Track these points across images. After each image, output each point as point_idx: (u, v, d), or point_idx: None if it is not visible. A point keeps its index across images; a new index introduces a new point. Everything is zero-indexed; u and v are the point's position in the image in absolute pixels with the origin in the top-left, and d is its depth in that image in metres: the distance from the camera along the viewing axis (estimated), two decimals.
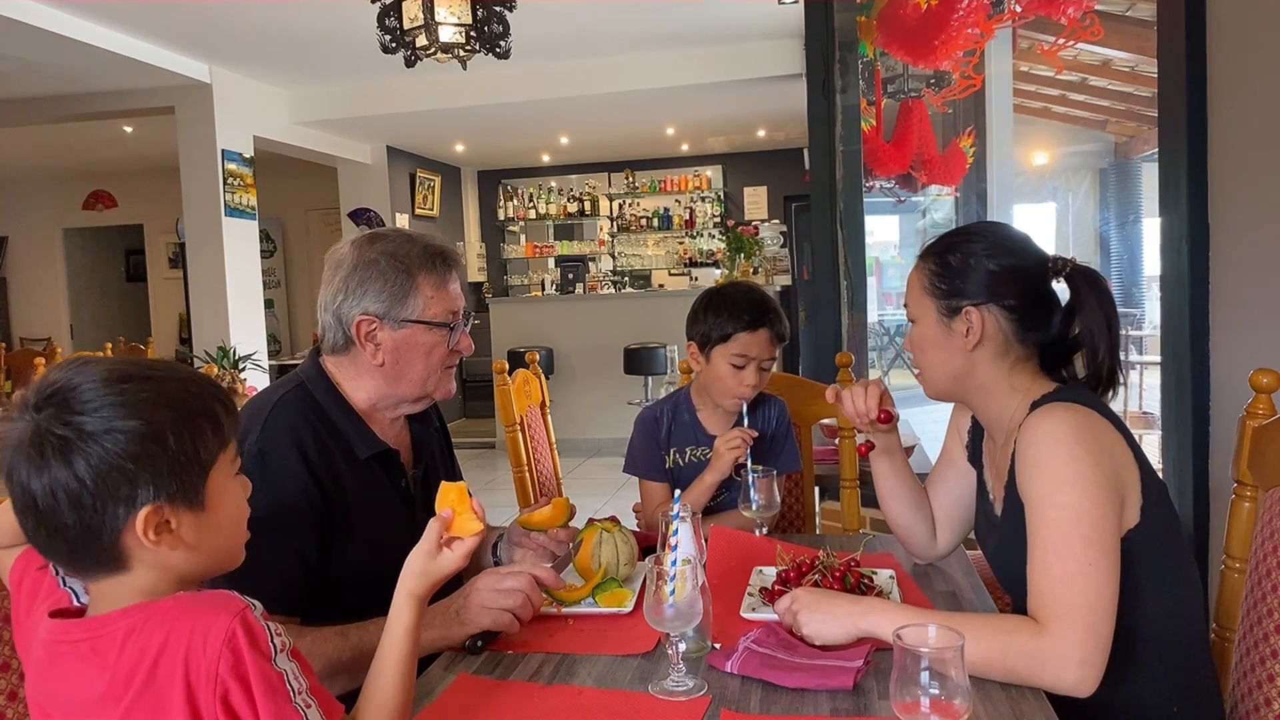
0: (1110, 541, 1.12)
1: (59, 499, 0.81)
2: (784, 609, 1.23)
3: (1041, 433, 1.18)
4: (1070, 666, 1.06)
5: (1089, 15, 3.46)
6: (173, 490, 0.84)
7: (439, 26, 3.30)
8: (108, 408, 0.82)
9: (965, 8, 3.64)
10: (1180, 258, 2.13)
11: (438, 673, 1.20)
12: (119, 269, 10.41)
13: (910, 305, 1.37)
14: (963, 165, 5.96)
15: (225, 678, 0.79)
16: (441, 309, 1.43)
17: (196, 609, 0.82)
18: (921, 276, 1.35)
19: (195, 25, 4.91)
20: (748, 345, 1.81)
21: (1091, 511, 1.12)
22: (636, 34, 5.47)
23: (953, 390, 1.37)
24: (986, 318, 1.29)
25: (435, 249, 1.45)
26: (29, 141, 7.53)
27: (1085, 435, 1.16)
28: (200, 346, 5.66)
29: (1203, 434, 2.12)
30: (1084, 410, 1.20)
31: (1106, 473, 1.15)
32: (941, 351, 1.33)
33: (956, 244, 1.33)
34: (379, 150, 7.68)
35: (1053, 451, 1.16)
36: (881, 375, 7.29)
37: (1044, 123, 8.59)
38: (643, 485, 1.97)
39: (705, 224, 9.04)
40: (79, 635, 0.84)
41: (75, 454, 0.80)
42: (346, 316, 1.40)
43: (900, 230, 8.32)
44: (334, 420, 1.41)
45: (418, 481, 1.51)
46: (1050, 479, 1.15)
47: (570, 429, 6.67)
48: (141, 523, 0.83)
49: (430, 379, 1.45)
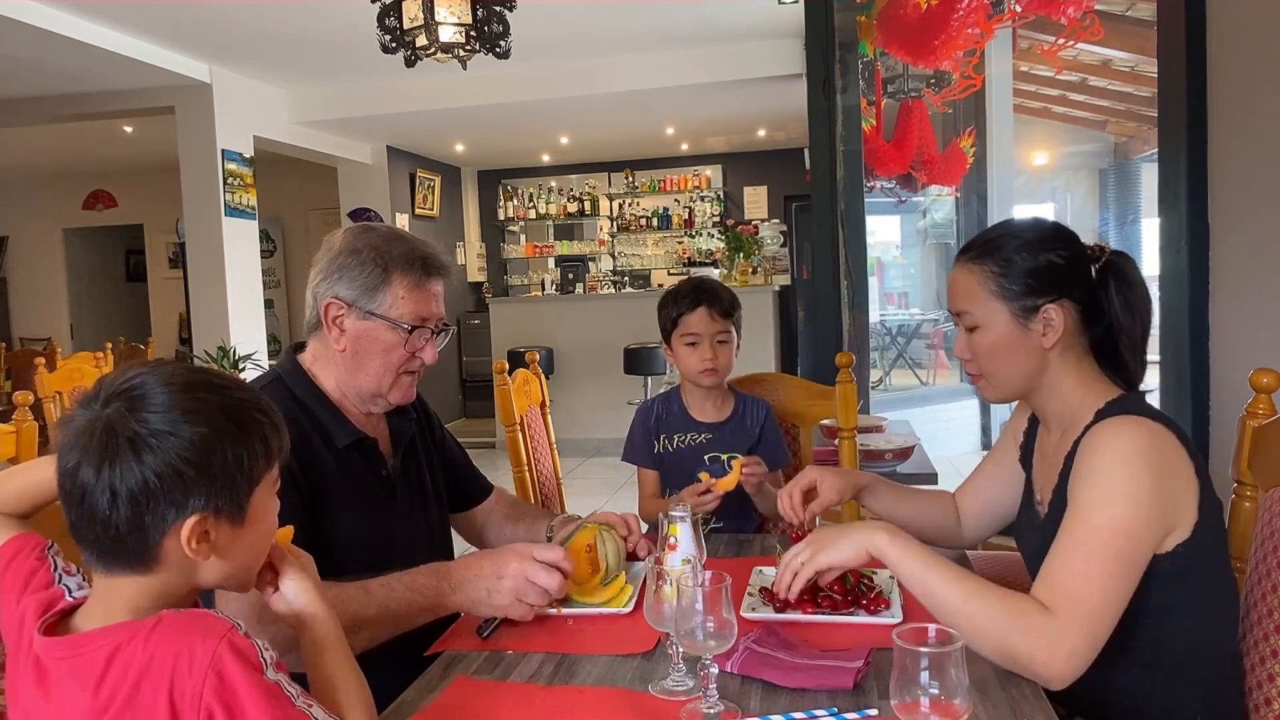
0: (1139, 563, 1.12)
1: (119, 493, 0.82)
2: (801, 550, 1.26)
3: (1110, 443, 1.16)
4: (1061, 651, 1.06)
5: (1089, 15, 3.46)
6: (221, 502, 0.86)
7: (439, 26, 3.30)
8: (176, 410, 0.84)
9: (965, 8, 3.64)
10: (1180, 257, 2.13)
11: (437, 673, 1.20)
12: (119, 269, 10.41)
13: (972, 312, 1.30)
14: (963, 165, 5.97)
15: (210, 701, 0.79)
16: (409, 311, 1.43)
17: (181, 630, 0.82)
18: (983, 280, 1.28)
19: (195, 25, 4.91)
20: (691, 324, 1.99)
21: (1134, 529, 1.11)
22: (636, 34, 5.47)
23: (1024, 391, 1.33)
24: (1063, 314, 1.26)
25: (420, 253, 1.46)
26: (29, 141, 7.52)
27: (1153, 455, 1.14)
28: (200, 346, 5.66)
29: (1203, 434, 2.12)
30: (1156, 427, 1.18)
31: (1163, 496, 1.14)
32: (1018, 354, 1.28)
33: (1011, 241, 1.28)
34: (379, 150, 7.68)
35: (1117, 465, 1.14)
36: (884, 375, 7.28)
37: (1044, 123, 8.60)
38: (640, 474, 2.12)
39: (705, 224, 9.04)
40: (64, 653, 0.85)
41: (146, 451, 0.82)
42: (320, 297, 1.45)
43: (901, 230, 8.33)
44: (312, 410, 1.44)
45: (397, 470, 1.54)
46: (1106, 489, 1.13)
47: (570, 429, 6.67)
48: (188, 530, 0.84)
49: (385, 378, 1.46)
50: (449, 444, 1.77)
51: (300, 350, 1.52)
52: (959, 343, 1.35)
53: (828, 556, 1.23)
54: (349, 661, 0.99)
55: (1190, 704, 1.19)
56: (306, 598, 0.99)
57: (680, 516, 1.37)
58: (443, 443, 1.74)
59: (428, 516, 1.59)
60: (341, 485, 1.41)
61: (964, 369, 1.40)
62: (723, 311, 2.00)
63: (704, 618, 1.05)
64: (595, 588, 1.43)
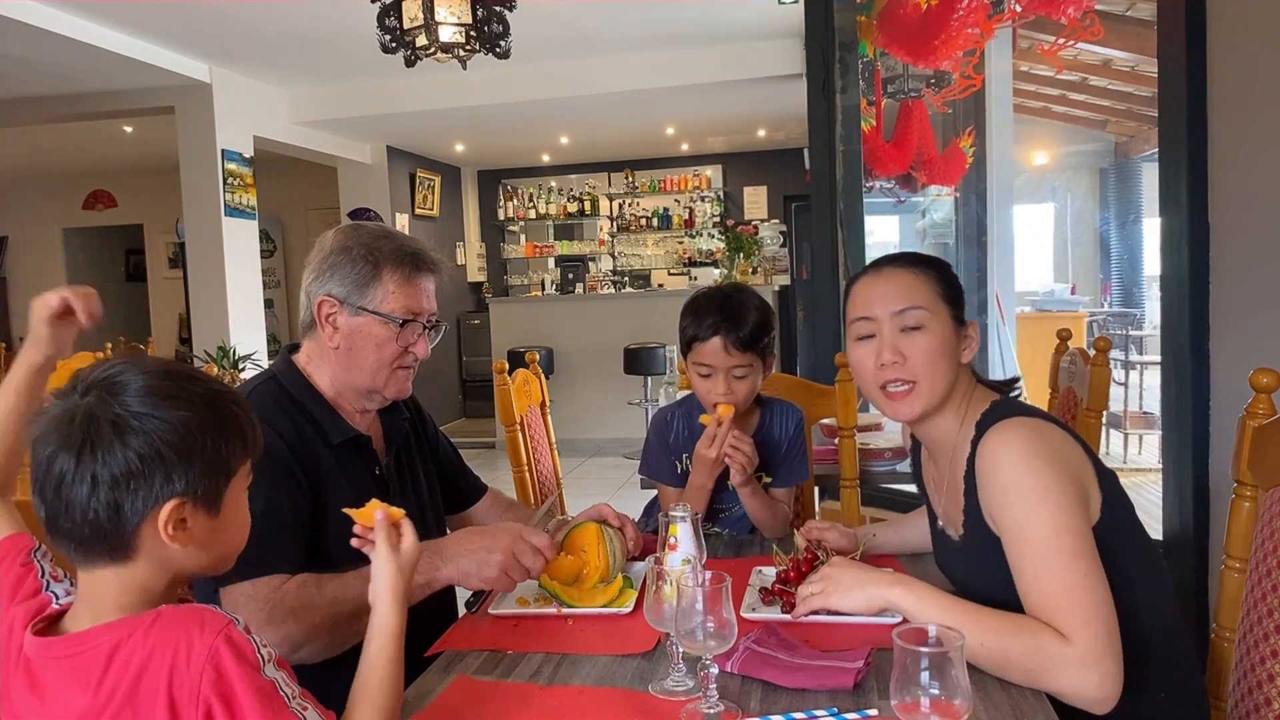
0: (1093, 551, 1.13)
1: (100, 479, 0.82)
2: (815, 580, 1.27)
3: (1000, 454, 1.18)
4: (1092, 676, 1.06)
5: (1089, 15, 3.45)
6: (199, 490, 0.86)
7: (439, 26, 3.30)
8: (155, 395, 0.85)
9: (965, 8, 3.64)
10: (1180, 258, 2.13)
11: (436, 674, 1.20)
12: (119, 269, 10.40)
13: (925, 309, 1.29)
14: (962, 165, 5.96)
15: (208, 695, 0.79)
16: (400, 305, 1.45)
17: (180, 625, 0.83)
18: (930, 283, 1.31)
19: (195, 25, 4.91)
20: (704, 354, 1.72)
21: (1069, 524, 1.12)
22: (636, 34, 5.47)
23: (940, 404, 1.32)
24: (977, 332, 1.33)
25: (410, 249, 1.48)
26: (29, 141, 7.52)
27: (1042, 448, 1.17)
28: (200, 346, 5.65)
29: (1203, 434, 2.12)
30: (1033, 421, 1.21)
31: (1070, 481, 1.16)
32: (950, 363, 1.30)
33: (934, 261, 1.35)
34: (379, 150, 7.68)
35: (1016, 472, 1.16)
36: None
37: (1044, 123, 8.59)
38: (660, 489, 1.95)
39: (705, 224, 9.04)
40: (61, 651, 0.85)
41: (129, 433, 0.83)
42: (313, 296, 1.46)
43: (900, 230, 8.32)
44: (307, 408, 1.45)
45: (390, 468, 1.55)
46: (1021, 500, 1.15)
47: (570, 429, 6.68)
48: (165, 515, 0.84)
49: (380, 374, 1.47)
50: (442, 444, 1.77)
51: (295, 351, 1.54)
52: (888, 345, 1.29)
53: (839, 601, 1.25)
54: (393, 663, 0.99)
55: (1145, 679, 1.19)
56: (382, 580, 1.03)
57: (680, 516, 1.37)
58: (436, 442, 1.75)
59: (423, 514, 1.60)
60: (337, 482, 1.42)
61: (878, 379, 1.30)
62: (742, 344, 1.70)
63: (704, 618, 1.05)
64: (595, 588, 1.43)
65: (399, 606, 1.02)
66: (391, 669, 0.99)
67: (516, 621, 1.36)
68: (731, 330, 1.70)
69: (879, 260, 1.37)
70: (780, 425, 1.87)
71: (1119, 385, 6.24)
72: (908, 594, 1.19)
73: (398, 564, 1.04)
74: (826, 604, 1.26)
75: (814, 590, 1.27)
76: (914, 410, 1.31)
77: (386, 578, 1.03)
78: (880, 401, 1.34)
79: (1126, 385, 5.95)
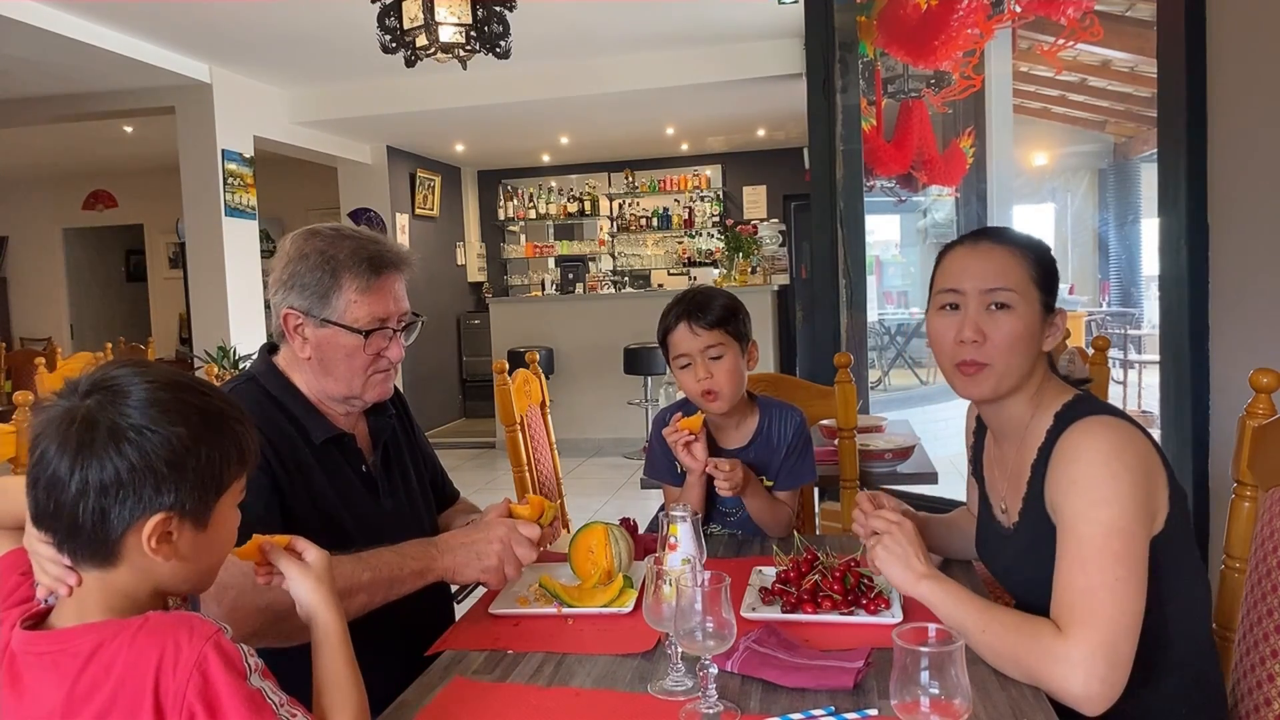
0: (1139, 560, 1.11)
1: (90, 483, 0.82)
2: (880, 523, 1.27)
3: (1082, 448, 1.16)
4: (1077, 674, 1.05)
5: (1089, 15, 3.45)
6: (188, 505, 0.86)
7: (439, 26, 3.30)
8: (156, 408, 0.84)
9: (965, 8, 3.65)
10: (1180, 258, 2.13)
11: (437, 673, 1.20)
12: (119, 269, 10.41)
13: (1014, 290, 1.24)
14: (963, 165, 5.96)
15: (193, 701, 0.79)
16: (365, 314, 1.41)
17: (167, 630, 0.82)
18: (1026, 264, 1.25)
19: (195, 25, 4.91)
20: (677, 344, 1.76)
21: (1125, 529, 1.11)
22: (636, 34, 5.47)
23: (1015, 389, 1.29)
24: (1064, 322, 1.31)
25: (369, 250, 1.42)
26: (29, 141, 7.52)
27: (1128, 453, 1.15)
28: (200, 346, 5.66)
29: (1203, 434, 2.12)
30: (1123, 424, 1.19)
31: (1144, 491, 1.14)
32: (1031, 348, 1.26)
33: (1041, 245, 1.29)
34: (379, 150, 7.68)
35: (1095, 470, 1.14)
36: (883, 375, 7.28)
37: (1044, 123, 8.60)
38: (665, 490, 1.95)
39: (705, 224, 9.04)
40: (44, 647, 0.85)
41: (125, 444, 0.82)
42: (278, 308, 1.44)
43: (900, 229, 8.33)
44: (288, 408, 1.44)
45: (378, 466, 1.54)
46: (1088, 495, 1.13)
47: (570, 429, 6.67)
48: (150, 527, 0.84)
49: (355, 381, 1.45)
50: (425, 444, 1.76)
51: (274, 351, 1.51)
52: (970, 323, 1.25)
53: (882, 563, 1.25)
54: (348, 665, 0.98)
55: (1175, 691, 1.20)
56: (307, 597, 1.00)
57: (680, 516, 1.37)
58: (420, 442, 1.74)
59: (415, 512, 1.59)
60: (322, 481, 1.41)
61: (955, 355, 1.27)
62: (707, 323, 1.73)
63: (703, 618, 1.05)
64: (595, 588, 1.43)
65: (335, 611, 1.00)
66: (348, 670, 0.98)
67: (516, 621, 1.36)
68: (695, 311, 1.75)
69: (978, 232, 1.33)
70: (779, 429, 1.86)
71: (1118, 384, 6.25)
72: (936, 589, 1.19)
73: (314, 575, 1.01)
74: (873, 558, 1.26)
75: (879, 529, 1.27)
76: (983, 391, 1.29)
77: (309, 590, 1.00)
78: (952, 376, 1.30)
79: (1125, 384, 5.95)
